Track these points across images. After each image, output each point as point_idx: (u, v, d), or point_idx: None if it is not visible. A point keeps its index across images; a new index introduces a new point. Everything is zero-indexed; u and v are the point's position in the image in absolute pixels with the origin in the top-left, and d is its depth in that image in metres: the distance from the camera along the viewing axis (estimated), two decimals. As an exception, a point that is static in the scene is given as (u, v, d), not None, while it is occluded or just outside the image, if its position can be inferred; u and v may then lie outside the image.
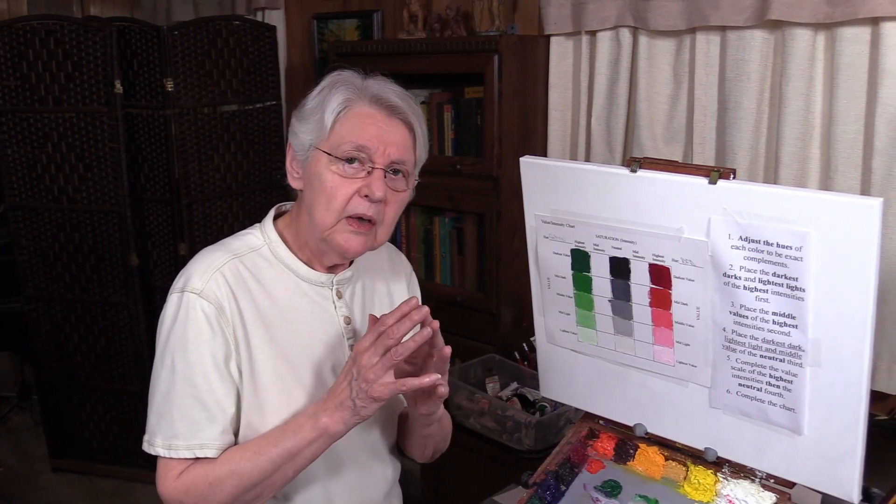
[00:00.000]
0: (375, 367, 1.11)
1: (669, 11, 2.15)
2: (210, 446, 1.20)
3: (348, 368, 1.15)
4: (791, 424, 1.10)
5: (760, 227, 1.04)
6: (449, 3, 2.65)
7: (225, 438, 1.21)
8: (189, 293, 1.20)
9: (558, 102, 2.48)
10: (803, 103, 1.96)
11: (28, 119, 2.89)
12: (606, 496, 1.22)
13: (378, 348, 1.11)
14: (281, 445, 1.17)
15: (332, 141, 1.22)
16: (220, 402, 1.20)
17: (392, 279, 1.45)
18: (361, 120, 1.22)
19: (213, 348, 1.20)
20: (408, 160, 1.25)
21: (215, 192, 3.00)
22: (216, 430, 1.20)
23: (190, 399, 1.20)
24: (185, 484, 1.20)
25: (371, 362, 1.11)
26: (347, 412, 1.15)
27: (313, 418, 1.17)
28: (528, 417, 2.06)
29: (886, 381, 1.91)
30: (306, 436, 1.17)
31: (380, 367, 1.11)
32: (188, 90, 2.87)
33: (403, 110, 1.24)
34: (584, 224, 1.21)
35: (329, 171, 1.21)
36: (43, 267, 3.03)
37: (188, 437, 1.20)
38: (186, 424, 1.20)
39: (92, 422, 3.20)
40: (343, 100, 1.23)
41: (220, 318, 1.20)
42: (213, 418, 1.20)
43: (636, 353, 1.25)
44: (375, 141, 1.21)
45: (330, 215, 1.21)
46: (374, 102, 1.23)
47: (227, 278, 1.22)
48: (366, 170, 1.21)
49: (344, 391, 1.15)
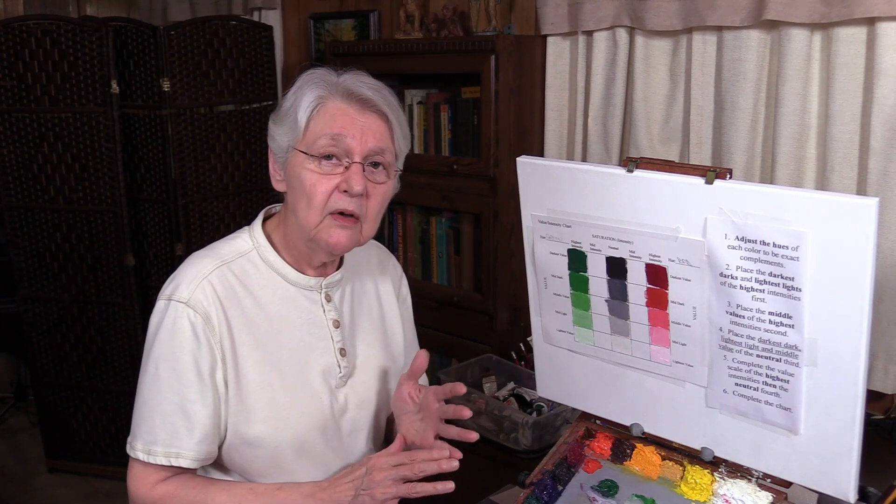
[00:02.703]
0: (388, 488, 1.14)
1: (666, 11, 2.15)
2: (186, 456, 1.21)
3: (359, 475, 1.17)
4: (787, 424, 1.11)
5: (757, 226, 1.04)
6: (445, 3, 2.65)
7: (202, 448, 1.22)
8: (176, 302, 1.21)
9: (555, 102, 2.48)
10: (800, 103, 1.96)
11: (24, 119, 2.89)
12: (603, 496, 1.22)
13: (397, 474, 1.14)
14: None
15: (308, 139, 1.21)
16: (199, 412, 1.21)
17: (380, 279, 1.45)
18: (333, 114, 1.21)
19: (197, 358, 1.20)
20: (386, 150, 1.24)
21: (212, 192, 3.00)
22: (194, 439, 1.21)
23: (171, 406, 1.21)
24: (162, 495, 1.22)
25: (385, 484, 1.14)
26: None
27: (308, 499, 1.19)
28: (525, 417, 2.06)
29: (882, 380, 1.92)
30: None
31: (392, 491, 1.14)
32: (185, 90, 2.87)
33: (376, 102, 1.23)
34: (580, 224, 1.21)
35: (307, 169, 1.21)
36: (39, 267, 3.03)
37: (166, 444, 1.21)
38: (167, 432, 1.21)
39: (88, 422, 3.19)
40: (315, 97, 1.22)
41: (207, 327, 1.20)
42: (191, 428, 1.21)
43: (633, 352, 1.25)
44: (350, 129, 1.20)
45: (313, 214, 1.21)
46: (346, 97, 1.22)
47: (214, 286, 1.22)
48: (343, 165, 1.20)
49: (347, 493, 1.17)
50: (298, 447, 1.27)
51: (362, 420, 1.35)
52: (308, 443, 1.27)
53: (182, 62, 2.85)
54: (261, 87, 3.09)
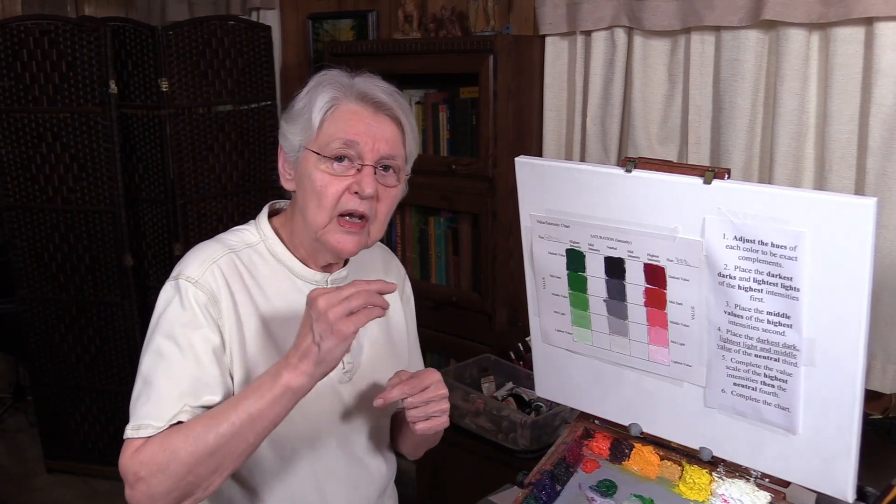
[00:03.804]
0: (336, 308, 1.03)
1: (664, 11, 2.15)
2: (187, 412, 1.13)
3: (307, 324, 1.07)
4: (786, 424, 1.11)
5: (755, 226, 1.04)
6: (444, 3, 2.65)
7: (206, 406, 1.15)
8: (184, 280, 1.19)
9: (553, 102, 2.48)
10: (798, 103, 1.97)
11: (22, 119, 2.89)
12: (602, 496, 1.22)
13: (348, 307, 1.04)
14: (240, 407, 1.08)
15: (321, 140, 1.21)
16: (204, 385, 1.16)
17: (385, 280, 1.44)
18: (348, 117, 1.21)
19: (205, 334, 1.18)
20: (397, 155, 1.24)
21: (210, 193, 3.00)
22: (199, 404, 1.14)
23: (173, 384, 1.15)
24: (142, 455, 1.11)
25: (331, 304, 1.03)
26: (311, 361, 1.06)
27: (274, 375, 1.09)
28: (524, 417, 2.06)
29: (881, 380, 1.92)
30: (266, 394, 1.08)
31: (341, 309, 1.03)
32: (183, 90, 2.87)
33: (390, 106, 1.24)
34: (579, 224, 1.21)
35: (318, 170, 1.21)
36: (37, 267, 3.02)
37: (158, 418, 1.12)
38: (160, 405, 1.13)
39: (87, 423, 3.19)
40: (329, 98, 1.22)
41: (214, 308, 1.19)
42: (197, 398, 1.15)
43: (631, 352, 1.25)
44: (363, 136, 1.20)
45: (322, 214, 1.21)
46: (360, 99, 1.23)
47: (223, 271, 1.22)
48: (355, 167, 1.21)
49: (306, 337, 1.07)
50: (302, 442, 1.26)
51: (366, 417, 1.35)
52: (311, 438, 1.27)
53: (180, 62, 2.85)
54: (259, 87, 3.09)
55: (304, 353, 1.07)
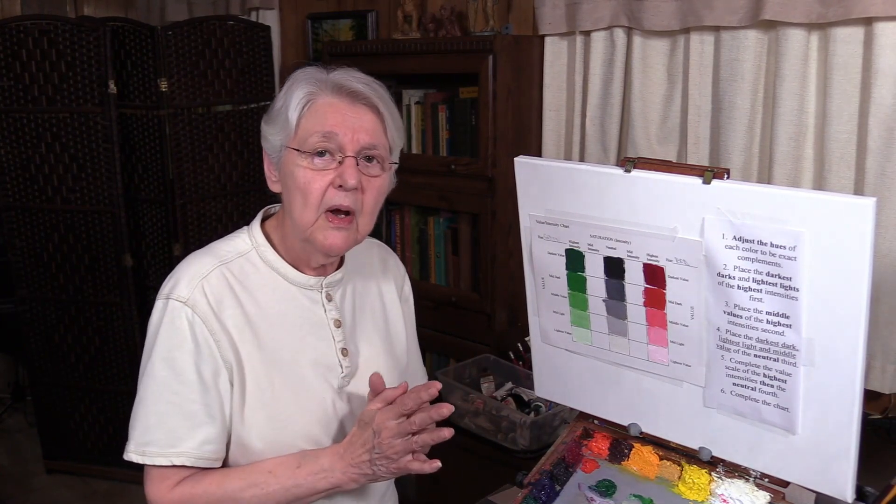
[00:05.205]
0: (397, 447, 1.15)
1: (663, 12, 2.15)
2: (189, 455, 1.19)
3: (369, 438, 1.17)
4: (785, 424, 1.11)
5: (754, 226, 1.04)
6: (443, 4, 2.65)
7: (206, 448, 1.20)
8: (174, 301, 1.20)
9: (553, 102, 2.49)
10: (797, 103, 1.97)
11: (21, 119, 2.89)
12: (601, 496, 1.22)
13: (402, 430, 1.14)
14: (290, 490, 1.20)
15: (300, 137, 1.21)
16: (199, 412, 1.20)
17: (383, 279, 1.44)
18: (325, 110, 1.20)
19: (196, 357, 1.19)
20: (379, 145, 1.22)
21: (210, 193, 3.00)
22: (196, 439, 1.20)
23: (169, 407, 1.19)
24: (182, 497, 1.20)
25: (394, 443, 1.15)
26: (364, 477, 1.19)
27: (329, 473, 1.20)
28: (523, 417, 2.06)
29: (880, 380, 1.92)
30: (318, 486, 1.20)
31: (401, 449, 1.15)
32: (182, 90, 2.87)
33: (367, 95, 1.22)
34: (578, 224, 1.21)
35: (300, 167, 1.20)
36: (36, 267, 3.02)
37: (163, 445, 1.19)
38: (164, 432, 1.19)
39: (86, 423, 3.19)
40: (305, 94, 1.22)
41: (205, 327, 1.20)
42: (192, 427, 1.19)
43: (630, 352, 1.25)
44: (341, 127, 1.19)
45: (308, 211, 1.20)
46: (336, 92, 1.21)
47: (213, 286, 1.22)
48: (337, 160, 1.20)
49: (362, 457, 1.18)
50: (301, 447, 1.26)
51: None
52: (311, 443, 1.27)
53: (180, 62, 2.85)
54: (258, 87, 3.09)
55: (358, 467, 1.19)
